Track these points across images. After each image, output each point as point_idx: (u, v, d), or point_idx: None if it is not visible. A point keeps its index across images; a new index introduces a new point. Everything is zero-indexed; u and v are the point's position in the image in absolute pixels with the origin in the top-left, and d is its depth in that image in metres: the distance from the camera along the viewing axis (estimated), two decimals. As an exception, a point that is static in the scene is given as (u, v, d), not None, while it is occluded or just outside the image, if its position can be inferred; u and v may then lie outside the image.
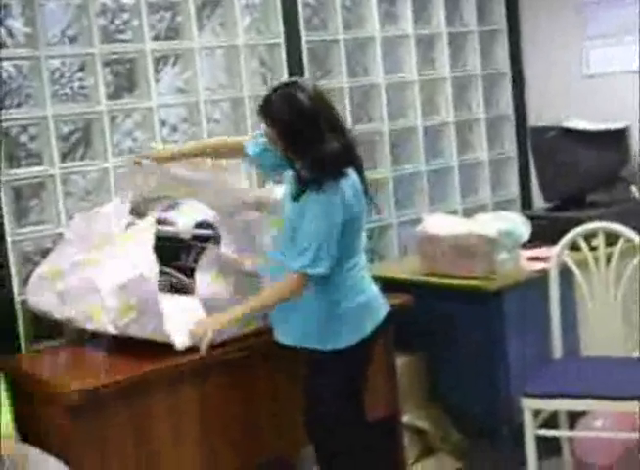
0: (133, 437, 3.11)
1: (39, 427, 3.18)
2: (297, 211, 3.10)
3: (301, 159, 3.09)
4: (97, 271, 3.30)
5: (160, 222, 3.43)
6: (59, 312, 3.39)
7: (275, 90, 3.14)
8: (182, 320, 3.20)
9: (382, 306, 3.30)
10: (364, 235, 3.30)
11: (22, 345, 3.54)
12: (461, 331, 4.03)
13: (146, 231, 3.32)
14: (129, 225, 3.40)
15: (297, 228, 3.09)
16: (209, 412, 3.29)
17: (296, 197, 3.10)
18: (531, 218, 4.25)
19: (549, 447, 3.80)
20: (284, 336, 3.27)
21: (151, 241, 3.28)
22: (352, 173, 3.11)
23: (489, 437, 4.08)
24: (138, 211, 3.53)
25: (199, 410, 3.26)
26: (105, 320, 3.23)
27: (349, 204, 3.07)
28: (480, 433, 4.16)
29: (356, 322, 3.19)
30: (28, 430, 3.19)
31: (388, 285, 3.83)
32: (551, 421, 3.71)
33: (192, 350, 3.18)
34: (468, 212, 4.83)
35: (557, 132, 4.57)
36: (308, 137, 3.05)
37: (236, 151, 3.43)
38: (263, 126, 3.18)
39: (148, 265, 3.20)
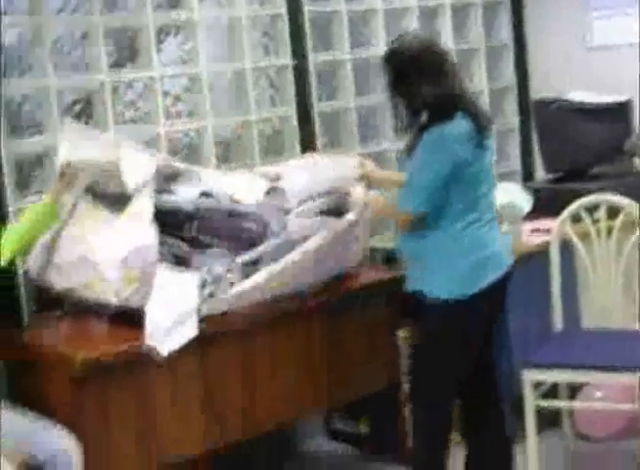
0: (136, 406, 3.13)
1: (43, 397, 3.19)
2: (413, 162, 3.23)
3: (407, 103, 3.23)
4: (97, 242, 3.30)
5: (161, 192, 3.42)
6: (60, 284, 3.40)
7: (394, 41, 3.36)
8: (167, 322, 3.16)
9: (500, 265, 3.29)
10: (489, 191, 3.30)
11: (25, 316, 3.55)
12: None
13: (146, 201, 3.32)
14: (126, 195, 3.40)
15: None
16: (211, 381, 3.31)
17: (409, 150, 3.25)
18: (533, 191, 4.25)
19: (549, 420, 3.81)
20: (408, 283, 3.34)
21: (151, 211, 3.27)
22: (460, 119, 3.16)
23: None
24: None
25: (201, 379, 3.28)
26: (106, 292, 3.24)
27: (451, 147, 3.13)
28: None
29: (468, 279, 3.21)
30: (32, 400, 3.20)
31: (390, 257, 3.84)
32: (551, 394, 3.73)
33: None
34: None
35: (560, 105, 4.55)
36: (409, 82, 3.19)
37: None
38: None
39: (149, 235, 3.21)
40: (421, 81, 3.18)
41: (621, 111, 4.58)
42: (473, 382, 3.37)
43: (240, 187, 3.66)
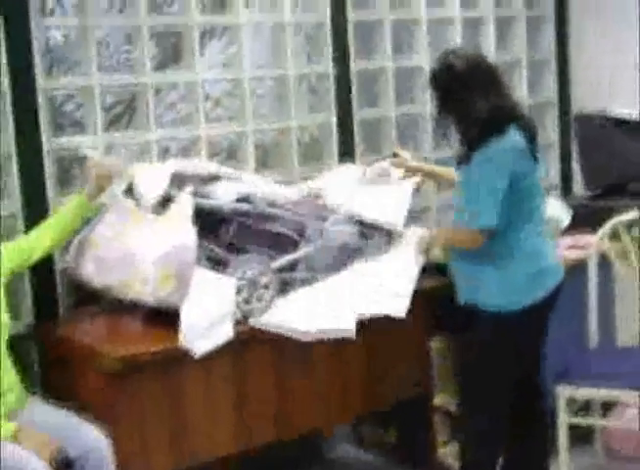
0: (170, 405, 3.14)
1: (76, 392, 3.21)
2: (465, 174, 3.25)
3: (458, 120, 3.25)
4: (136, 241, 3.32)
5: (199, 195, 3.43)
6: (97, 281, 3.42)
7: (440, 57, 3.34)
8: (203, 323, 3.16)
9: (554, 276, 3.32)
10: (542, 203, 3.35)
11: (61, 311, 3.57)
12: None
13: (185, 203, 3.33)
14: (166, 199, 3.40)
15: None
16: (244, 384, 3.31)
17: (463, 160, 3.25)
18: (572, 206, 4.22)
19: (581, 436, 3.78)
20: (459, 296, 3.36)
21: (190, 213, 3.29)
22: (513, 133, 3.19)
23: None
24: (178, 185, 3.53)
25: (234, 382, 3.29)
26: (143, 290, 3.25)
27: (509, 161, 3.15)
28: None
29: (524, 290, 3.23)
30: (66, 395, 3.22)
31: (424, 267, 3.82)
32: (584, 410, 3.70)
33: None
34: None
35: (602, 120, 4.53)
36: (459, 99, 3.21)
37: None
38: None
39: (187, 236, 3.22)
40: (473, 97, 3.18)
41: (664, 127, 4.55)
42: (521, 393, 3.35)
43: (275, 187, 3.69)
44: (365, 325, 3.54)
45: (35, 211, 3.45)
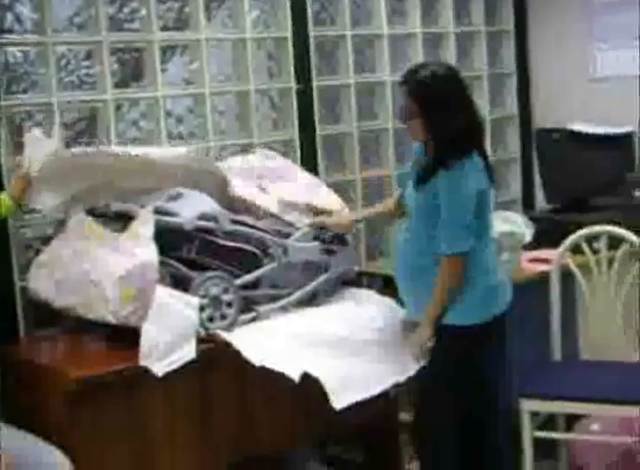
0: (130, 426, 3.11)
1: (37, 413, 3.17)
2: (427, 193, 3.22)
3: (433, 135, 3.22)
4: (97, 260, 3.29)
5: (160, 212, 3.40)
6: (58, 301, 3.39)
7: (420, 67, 3.29)
8: (164, 343, 3.13)
9: (508, 291, 3.36)
10: (492, 222, 3.38)
11: (22, 332, 3.53)
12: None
13: (146, 220, 3.31)
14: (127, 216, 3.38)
15: (433, 210, 3.19)
16: (208, 403, 3.29)
17: (423, 180, 3.22)
18: (534, 220, 4.24)
19: (545, 450, 3.79)
20: (411, 311, 3.37)
21: (151, 230, 3.26)
22: (475, 155, 3.21)
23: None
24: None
25: (196, 402, 3.26)
26: (104, 310, 3.22)
27: (474, 182, 3.18)
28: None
29: (482, 304, 3.25)
30: (26, 416, 3.18)
31: (389, 282, 3.83)
32: (548, 424, 3.71)
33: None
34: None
35: (562, 135, 4.57)
36: (443, 113, 3.18)
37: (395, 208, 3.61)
38: (406, 102, 3.27)
39: (149, 254, 3.20)
40: (448, 113, 3.18)
41: (624, 142, 4.59)
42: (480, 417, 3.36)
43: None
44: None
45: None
